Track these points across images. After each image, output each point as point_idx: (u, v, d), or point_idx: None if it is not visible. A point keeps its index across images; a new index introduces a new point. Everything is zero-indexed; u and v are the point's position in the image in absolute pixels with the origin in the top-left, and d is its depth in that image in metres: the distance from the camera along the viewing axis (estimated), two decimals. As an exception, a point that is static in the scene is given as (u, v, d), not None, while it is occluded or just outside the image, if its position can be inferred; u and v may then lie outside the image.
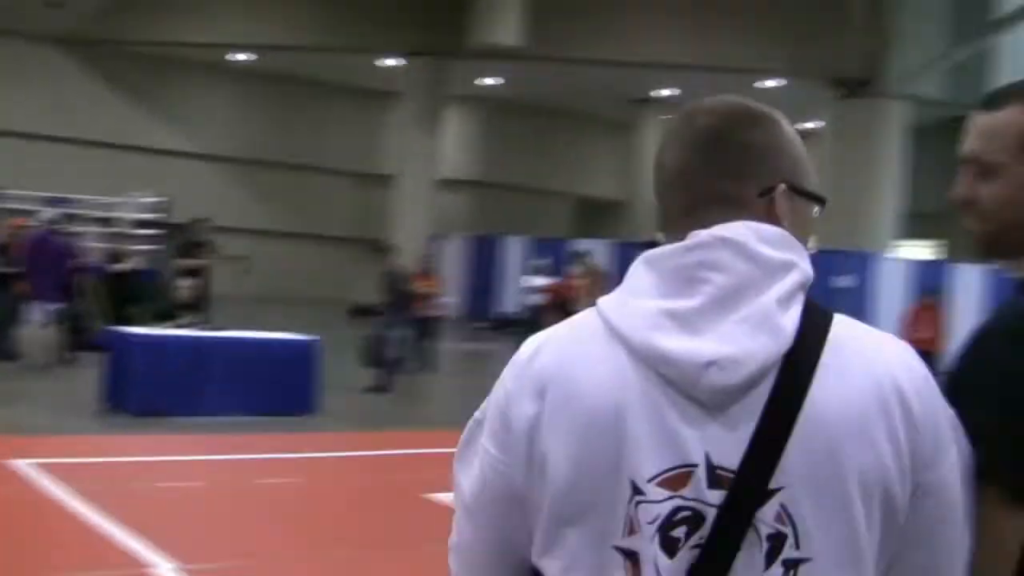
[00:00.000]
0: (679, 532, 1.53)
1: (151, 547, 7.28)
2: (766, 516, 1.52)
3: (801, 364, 1.55)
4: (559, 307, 14.20)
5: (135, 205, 23.56)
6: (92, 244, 22.01)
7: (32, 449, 10.27)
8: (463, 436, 1.76)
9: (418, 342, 19.30)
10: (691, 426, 1.53)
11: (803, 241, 1.66)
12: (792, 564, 1.53)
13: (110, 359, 13.12)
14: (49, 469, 9.40)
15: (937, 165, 36.84)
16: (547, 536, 1.61)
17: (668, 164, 1.70)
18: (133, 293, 18.35)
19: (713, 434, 1.53)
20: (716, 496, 1.52)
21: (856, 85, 31.36)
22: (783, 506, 1.53)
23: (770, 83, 34.50)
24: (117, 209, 24.24)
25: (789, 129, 1.75)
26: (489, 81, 38.57)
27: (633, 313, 1.58)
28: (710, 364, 1.51)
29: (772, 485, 1.53)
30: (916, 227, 35.23)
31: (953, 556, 1.65)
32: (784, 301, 1.56)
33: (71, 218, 21.03)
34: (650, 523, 1.53)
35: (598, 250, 27.45)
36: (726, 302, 1.55)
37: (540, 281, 23.59)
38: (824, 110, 32.83)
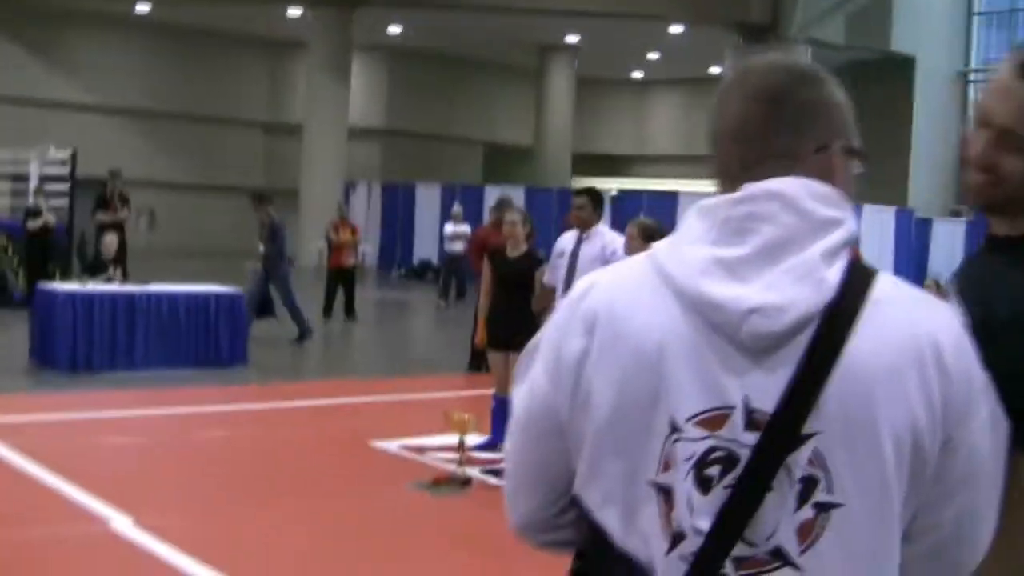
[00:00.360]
0: (713, 471, 1.60)
1: (103, 502, 7.24)
2: (799, 459, 1.59)
3: (841, 316, 1.61)
4: (480, 254, 14.02)
5: (42, 160, 23.09)
6: (5, 201, 21.70)
7: (-38, 408, 10.13)
8: (520, 359, 1.85)
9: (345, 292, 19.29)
10: (731, 370, 1.60)
11: (850, 198, 1.73)
12: (823, 507, 1.60)
13: (36, 316, 12.98)
14: (-14, 428, 9.32)
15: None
16: (587, 469, 1.68)
17: (728, 118, 1.75)
18: (48, 250, 18.12)
19: (752, 379, 1.60)
20: (751, 438, 1.59)
21: (759, 31, 31.64)
22: (816, 451, 1.59)
23: (674, 29, 34.64)
24: (23, 165, 23.75)
25: (839, 90, 1.80)
26: (395, 29, 38.28)
27: (684, 259, 1.65)
28: (753, 311, 1.58)
29: (806, 430, 1.58)
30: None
31: (975, 519, 1.70)
32: (829, 256, 1.62)
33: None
34: (686, 460, 1.60)
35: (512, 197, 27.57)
36: (773, 253, 1.62)
37: (459, 228, 23.63)
38: (728, 55, 33.05)
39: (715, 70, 40.44)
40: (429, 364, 15.64)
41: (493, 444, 9.25)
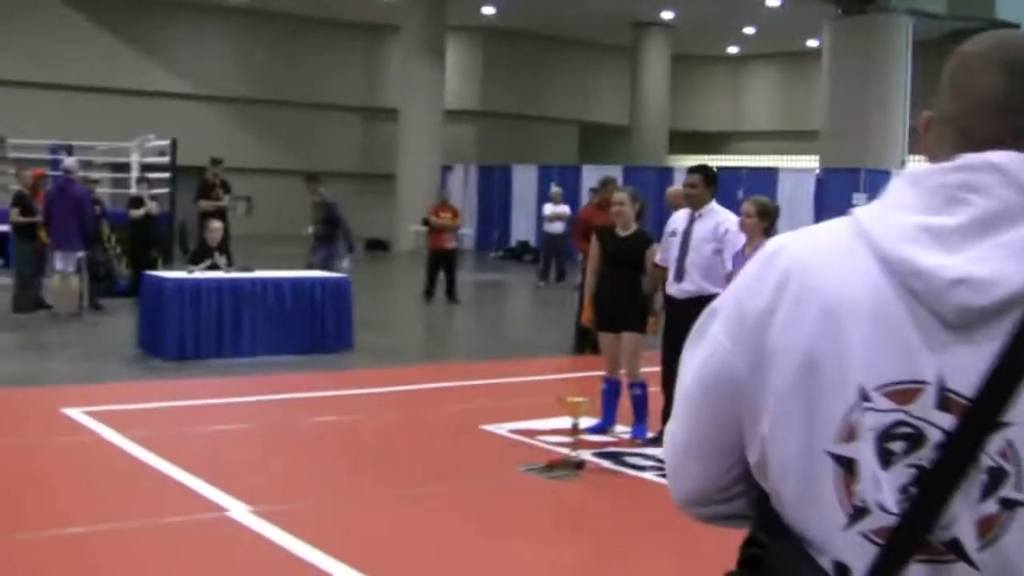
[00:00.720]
0: (896, 446, 1.52)
1: (220, 490, 7.28)
2: (991, 449, 1.49)
3: None
4: (584, 235, 13.92)
5: (142, 149, 23.41)
6: (107, 190, 21.98)
7: (79, 398, 10.22)
8: (696, 324, 1.77)
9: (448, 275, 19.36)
10: (929, 343, 1.51)
11: None
12: (1009, 504, 1.49)
13: (143, 304, 13.12)
14: (100, 417, 9.39)
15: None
16: (764, 434, 1.61)
17: (989, 89, 1.62)
18: (152, 238, 18.32)
19: (950, 355, 1.50)
20: (942, 419, 1.50)
21: (858, 1, 31.13)
22: (1009, 442, 1.49)
23: (771, 2, 34.21)
24: (124, 155, 24.09)
25: None
26: (489, 10, 38.27)
27: (890, 225, 1.57)
28: (960, 282, 1.49)
29: (1003, 419, 1.48)
30: (919, 142, 35.10)
31: None
32: None
33: (86, 165, 20.94)
34: (870, 431, 1.52)
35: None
36: (985, 226, 1.52)
37: (559, 209, 23.54)
38: (826, 28, 32.59)
39: (812, 43, 39.87)
40: (533, 346, 15.61)
41: (604, 427, 9.33)
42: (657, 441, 8.94)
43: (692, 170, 9.24)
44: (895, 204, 1.60)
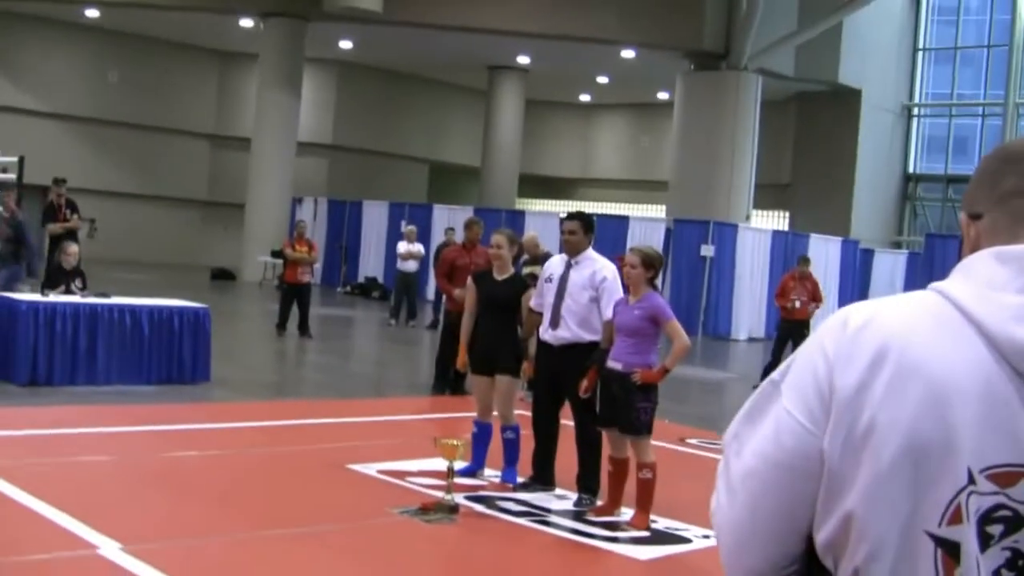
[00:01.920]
0: (994, 529, 1.53)
1: (88, 527, 6.95)
2: None
3: None
4: (447, 275, 13.91)
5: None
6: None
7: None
8: (753, 398, 1.75)
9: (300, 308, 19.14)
10: None
11: None
12: None
13: (-6, 327, 12.68)
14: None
15: (783, 138, 38.09)
16: (855, 518, 1.59)
17: None
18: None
19: None
20: None
21: (710, 58, 31.85)
22: None
23: (626, 53, 34.77)
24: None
25: None
26: (346, 44, 38.14)
27: (993, 303, 1.57)
28: None
29: None
30: (765, 198, 36.04)
31: None
32: None
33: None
34: (975, 514, 1.53)
35: (456, 217, 27.48)
36: None
37: (413, 247, 23.48)
38: (679, 82, 33.24)
39: (663, 96, 40.62)
40: (388, 384, 15.61)
41: (474, 470, 9.21)
42: (529, 486, 8.96)
43: (570, 216, 9.15)
44: (989, 282, 1.61)
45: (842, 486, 1.60)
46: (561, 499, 8.76)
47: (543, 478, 9.05)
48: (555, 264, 9.06)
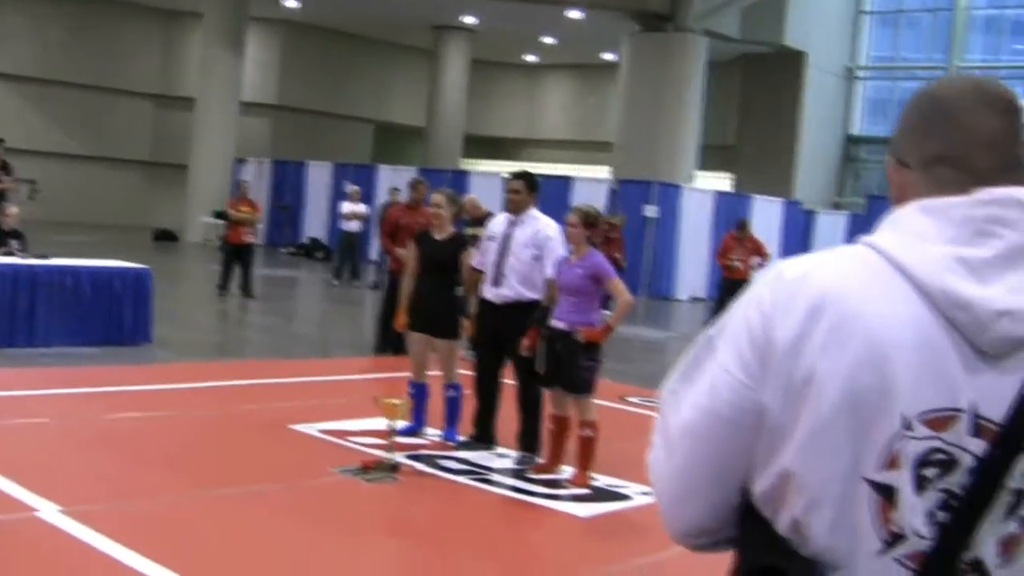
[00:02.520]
0: (929, 472, 1.57)
1: (26, 489, 6.90)
2: (1017, 470, 1.56)
3: None
4: (391, 235, 13.87)
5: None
6: None
7: None
8: (689, 355, 1.77)
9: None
10: (965, 372, 1.57)
11: None
12: None
13: (-69, 289, 12.51)
14: None
15: (728, 100, 38.20)
16: (794, 466, 1.61)
17: (984, 126, 1.72)
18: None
19: (983, 383, 1.57)
20: (975, 445, 1.56)
21: (656, 19, 31.83)
22: None
23: (572, 14, 34.71)
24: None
25: None
26: (291, 3, 37.79)
27: (922, 253, 1.62)
28: (1004, 313, 1.57)
29: None
30: (709, 159, 36.16)
31: None
32: None
33: None
34: (909, 458, 1.57)
35: (400, 177, 27.37)
36: (1015, 259, 1.60)
37: (356, 207, 23.39)
38: (624, 43, 33.22)
39: (609, 57, 40.61)
40: (331, 344, 15.59)
41: (414, 430, 9.20)
42: (470, 445, 9.01)
43: (515, 176, 9.17)
44: (917, 233, 1.65)
45: (783, 437, 1.63)
46: (502, 457, 8.81)
47: (484, 437, 9.12)
48: (498, 223, 9.07)
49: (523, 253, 8.71)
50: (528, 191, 8.91)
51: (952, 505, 1.56)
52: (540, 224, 8.81)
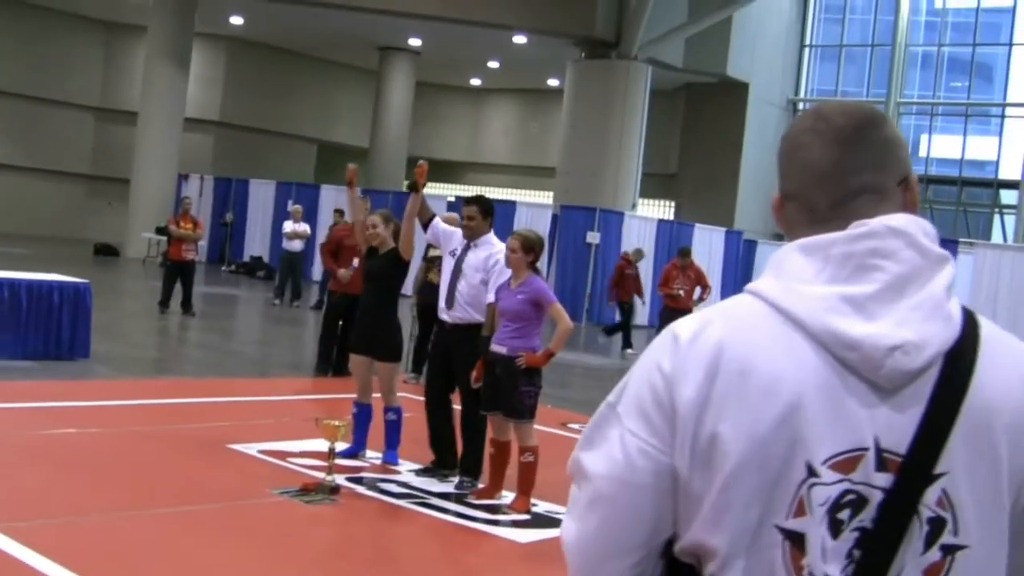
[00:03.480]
0: (843, 515, 1.56)
1: (-40, 505, 6.77)
2: (928, 500, 1.57)
3: (966, 352, 1.60)
4: (333, 254, 13.89)
5: None
6: None
7: None
8: (592, 420, 1.73)
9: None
10: (864, 409, 1.57)
11: None
12: (950, 549, 1.57)
13: None
14: None
15: (671, 128, 38.44)
16: (706, 523, 1.60)
17: (814, 161, 1.72)
18: None
19: (882, 418, 1.57)
20: (882, 479, 1.56)
21: (601, 46, 31.96)
22: (944, 491, 1.57)
23: (518, 39, 34.78)
24: None
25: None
26: (236, 19, 37.61)
27: (805, 297, 1.61)
28: (894, 348, 1.56)
29: (937, 470, 1.57)
30: (652, 187, 36.32)
31: None
32: (947, 291, 1.62)
33: None
34: (820, 505, 1.56)
35: (343, 197, 27.24)
36: (899, 289, 1.59)
37: (299, 227, 23.28)
38: (569, 69, 33.31)
39: (553, 83, 40.73)
40: (271, 363, 15.37)
41: (355, 452, 9.16)
42: (431, 472, 8.91)
43: (468, 201, 9.13)
44: (798, 276, 1.64)
45: (697, 501, 1.62)
46: (444, 482, 8.77)
47: (443, 463, 9.03)
48: (458, 239, 9.03)
49: (473, 277, 8.74)
50: (482, 216, 8.90)
51: (865, 542, 1.56)
52: (494, 250, 8.80)
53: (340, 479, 8.20)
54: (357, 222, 9.54)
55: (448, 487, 8.63)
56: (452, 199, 28.58)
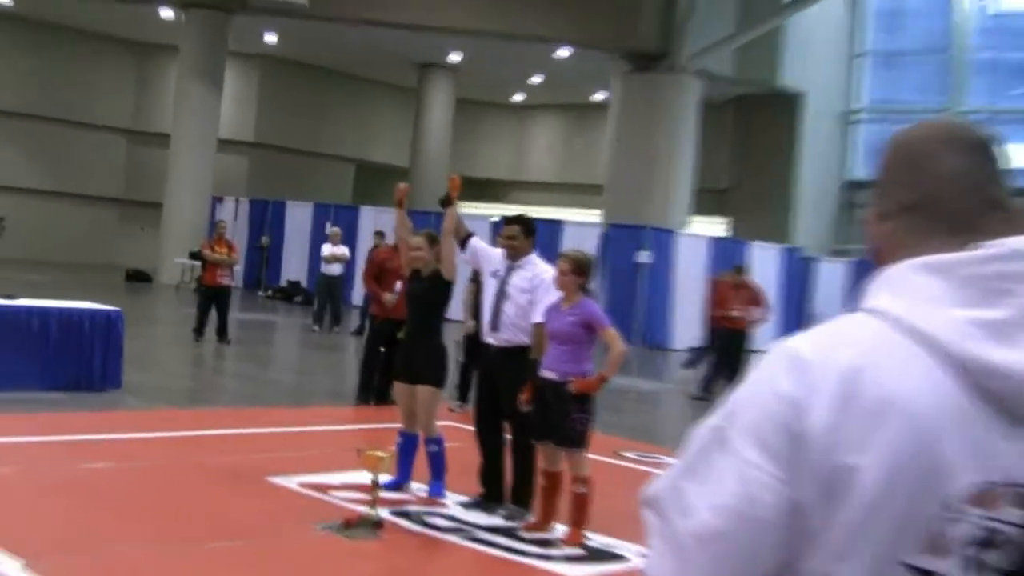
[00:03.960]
0: (978, 552, 1.47)
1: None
2: None
3: None
4: (375, 277, 13.37)
5: None
6: None
7: None
8: (693, 446, 1.59)
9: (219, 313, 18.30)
10: (1005, 441, 1.48)
11: None
12: None
13: None
14: None
15: (722, 142, 37.56)
16: (832, 551, 1.49)
17: (952, 167, 1.64)
18: None
19: (1016, 451, 1.48)
20: (1018, 516, 1.48)
21: (648, 59, 31.31)
22: None
23: (560, 52, 34.16)
24: None
25: None
26: (271, 38, 37.16)
27: (941, 320, 1.51)
28: None
29: None
30: (703, 203, 35.39)
31: None
32: None
33: None
34: (958, 542, 1.47)
35: (383, 219, 26.45)
36: None
37: (338, 250, 22.52)
38: (615, 83, 32.69)
39: (598, 97, 40.06)
40: (310, 392, 15.01)
41: (399, 483, 8.86)
42: (481, 505, 8.54)
43: (510, 220, 8.84)
44: (925, 297, 1.53)
45: (815, 535, 1.50)
46: (493, 515, 8.41)
47: (493, 495, 8.62)
48: (499, 260, 8.73)
49: (520, 298, 8.46)
50: (525, 236, 8.61)
51: None
52: (538, 270, 8.52)
53: (384, 512, 7.88)
54: (402, 243, 9.25)
55: (497, 519, 8.26)
56: (496, 219, 27.74)
